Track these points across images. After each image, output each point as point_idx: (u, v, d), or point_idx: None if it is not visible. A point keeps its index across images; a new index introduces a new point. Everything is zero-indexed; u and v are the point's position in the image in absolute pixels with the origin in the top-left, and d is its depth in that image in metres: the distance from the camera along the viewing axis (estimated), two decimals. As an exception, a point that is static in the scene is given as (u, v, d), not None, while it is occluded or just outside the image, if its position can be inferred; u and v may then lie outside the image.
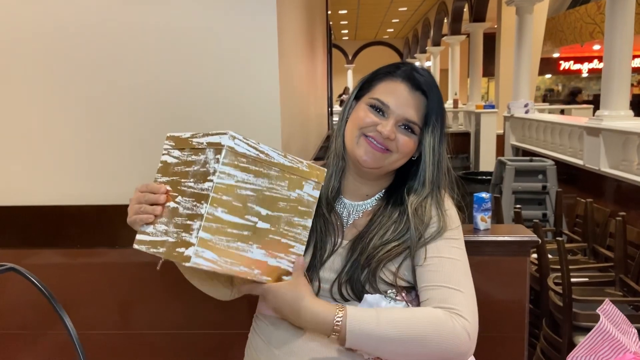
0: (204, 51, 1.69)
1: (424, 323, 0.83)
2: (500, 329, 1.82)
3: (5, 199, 1.77)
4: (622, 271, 2.74)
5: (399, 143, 0.92)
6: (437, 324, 0.83)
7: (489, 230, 1.89)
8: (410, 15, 14.25)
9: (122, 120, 1.72)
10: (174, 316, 1.76)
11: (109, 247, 1.79)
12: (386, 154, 0.93)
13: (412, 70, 0.95)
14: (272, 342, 0.96)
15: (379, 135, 0.92)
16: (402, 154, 0.94)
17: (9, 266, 0.78)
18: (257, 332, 1.01)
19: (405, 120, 0.93)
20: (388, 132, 0.91)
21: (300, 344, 0.92)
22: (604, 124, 3.60)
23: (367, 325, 0.81)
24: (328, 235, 0.97)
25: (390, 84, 0.94)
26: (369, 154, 0.93)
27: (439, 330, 0.82)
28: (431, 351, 0.82)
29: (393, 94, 0.93)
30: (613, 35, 3.52)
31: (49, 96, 1.72)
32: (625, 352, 0.82)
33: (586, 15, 11.32)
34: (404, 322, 0.82)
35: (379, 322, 0.82)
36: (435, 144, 0.94)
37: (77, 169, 1.76)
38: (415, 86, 0.94)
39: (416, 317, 0.84)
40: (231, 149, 0.79)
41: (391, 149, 0.93)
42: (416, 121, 0.93)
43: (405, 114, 0.92)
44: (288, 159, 0.87)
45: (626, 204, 3.43)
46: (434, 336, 0.82)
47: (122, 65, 1.69)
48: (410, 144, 0.94)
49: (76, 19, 1.67)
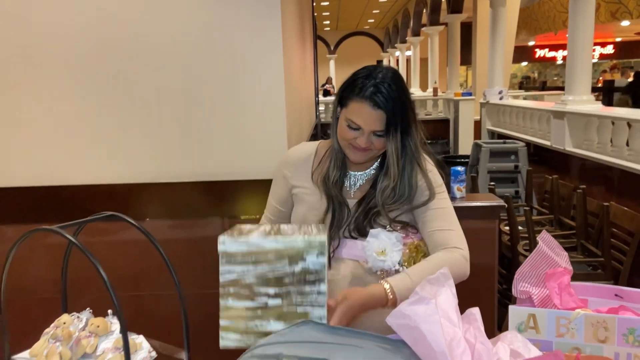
0: (212, 48, 1.94)
1: (438, 264, 1.17)
2: (474, 283, 2.13)
3: (43, 180, 2.01)
4: (582, 237, 3.09)
5: (374, 145, 1.25)
6: (446, 260, 1.19)
7: (464, 198, 2.22)
8: (391, 6, 14.50)
9: (149, 114, 1.98)
10: (191, 278, 2.02)
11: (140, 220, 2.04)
12: (367, 151, 1.26)
13: (374, 92, 1.23)
14: None
15: (358, 145, 1.25)
16: (378, 149, 1.27)
17: (109, 213, 1.05)
18: None
19: (373, 132, 1.25)
20: (364, 144, 1.24)
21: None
22: (568, 108, 3.95)
23: (405, 284, 1.15)
24: (342, 205, 1.29)
25: (358, 105, 1.23)
26: (357, 155, 1.27)
27: (450, 264, 1.16)
28: (455, 276, 1.14)
29: (361, 116, 1.23)
30: (576, 25, 3.84)
31: (85, 92, 1.96)
32: (557, 267, 1.14)
33: (559, 4, 11.70)
34: (425, 269, 1.17)
35: (412, 279, 1.16)
36: (397, 145, 1.25)
37: (109, 154, 2.01)
38: (376, 105, 1.23)
39: (433, 263, 1.20)
40: (224, 252, 0.95)
41: (370, 149, 1.26)
42: (381, 130, 1.24)
43: (372, 128, 1.23)
44: (281, 240, 0.95)
45: (588, 179, 3.79)
46: (455, 267, 1.17)
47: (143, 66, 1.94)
48: (382, 142, 1.26)
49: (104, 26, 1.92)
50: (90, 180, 2.01)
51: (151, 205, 2.06)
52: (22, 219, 1.98)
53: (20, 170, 1.99)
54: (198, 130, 1.99)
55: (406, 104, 1.24)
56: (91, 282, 1.25)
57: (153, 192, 2.03)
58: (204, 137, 1.99)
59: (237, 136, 1.99)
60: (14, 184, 1.98)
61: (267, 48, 1.95)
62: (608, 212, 2.82)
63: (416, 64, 13.57)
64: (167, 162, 2.01)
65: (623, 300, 1.11)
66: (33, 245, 1.61)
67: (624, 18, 10.53)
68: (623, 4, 10.24)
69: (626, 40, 16.46)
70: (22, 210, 2.00)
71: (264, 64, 1.96)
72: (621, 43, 16.77)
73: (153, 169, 2.01)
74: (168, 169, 2.02)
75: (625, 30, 13.93)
